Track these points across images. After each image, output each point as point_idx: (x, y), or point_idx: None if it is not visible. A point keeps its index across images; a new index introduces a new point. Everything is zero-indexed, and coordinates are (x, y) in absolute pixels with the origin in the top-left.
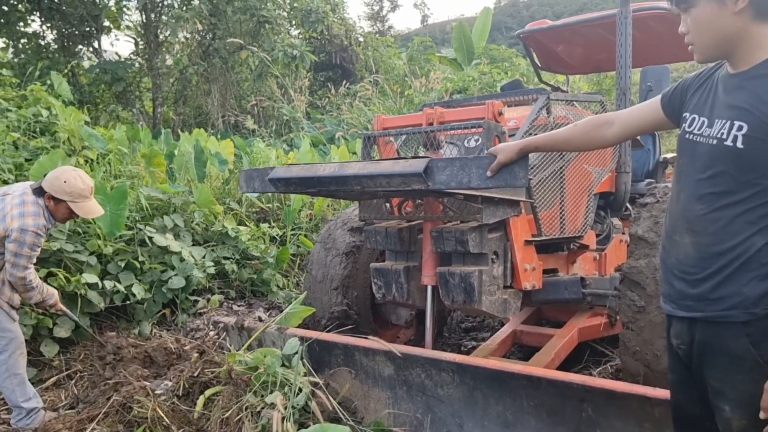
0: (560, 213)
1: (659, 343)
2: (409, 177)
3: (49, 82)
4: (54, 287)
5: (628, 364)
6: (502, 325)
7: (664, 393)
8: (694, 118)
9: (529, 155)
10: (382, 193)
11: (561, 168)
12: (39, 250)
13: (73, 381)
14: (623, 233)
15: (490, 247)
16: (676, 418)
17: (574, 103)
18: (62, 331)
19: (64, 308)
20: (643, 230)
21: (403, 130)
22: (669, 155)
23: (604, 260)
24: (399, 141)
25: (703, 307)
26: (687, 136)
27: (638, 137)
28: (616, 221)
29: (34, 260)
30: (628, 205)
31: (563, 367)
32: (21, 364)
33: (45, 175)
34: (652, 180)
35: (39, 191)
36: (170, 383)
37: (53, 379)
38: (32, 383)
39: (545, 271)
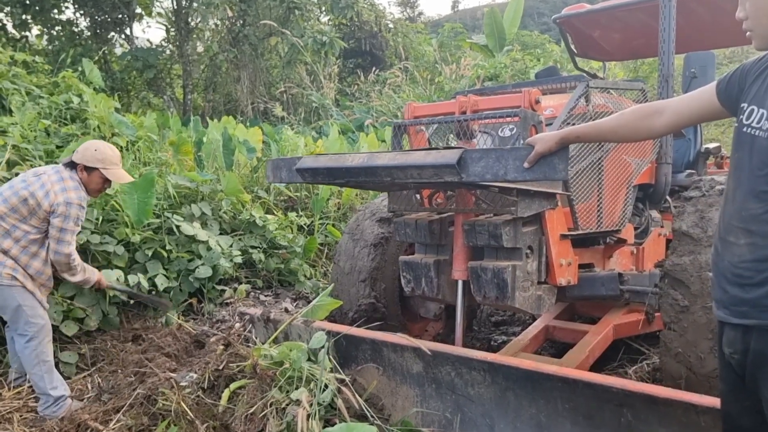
0: (598, 206)
1: (704, 344)
2: (442, 168)
3: (80, 69)
4: None
5: (669, 366)
6: (534, 319)
7: (711, 400)
8: (752, 110)
9: (569, 146)
10: (412, 185)
11: (599, 159)
12: (80, 225)
13: (98, 370)
14: (662, 226)
15: (525, 241)
16: (727, 430)
17: (614, 91)
18: (92, 322)
19: (111, 284)
20: (688, 225)
21: (435, 119)
22: (711, 145)
23: (642, 255)
24: (430, 130)
25: (758, 314)
26: (745, 129)
27: None
28: (654, 214)
29: (76, 236)
30: (667, 197)
31: (597, 364)
32: (49, 350)
33: (73, 152)
34: (693, 171)
35: (70, 165)
36: (195, 375)
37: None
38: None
39: (581, 266)
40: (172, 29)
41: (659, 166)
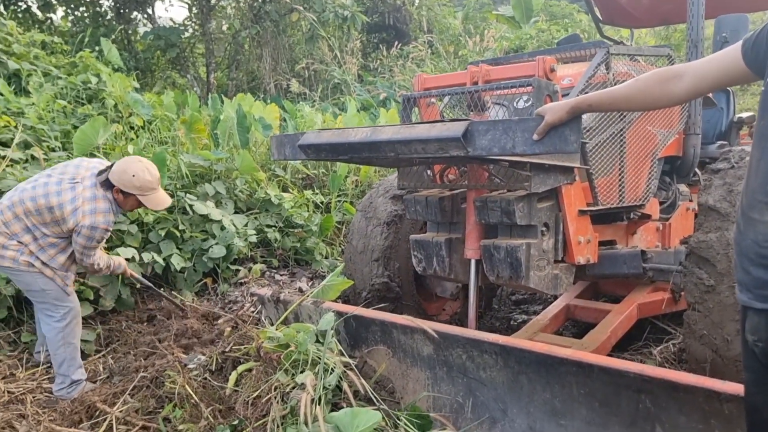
0: (619, 180)
1: (730, 326)
2: (447, 142)
3: (98, 48)
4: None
5: (693, 349)
6: (555, 298)
7: (735, 387)
8: None
9: (583, 116)
10: (418, 160)
11: (621, 130)
12: (107, 237)
13: (113, 351)
14: (690, 201)
15: (540, 218)
16: (752, 422)
17: (638, 58)
18: (106, 302)
19: (135, 274)
20: (715, 199)
21: (445, 91)
22: (745, 114)
23: (668, 231)
24: (443, 103)
25: None
26: None
27: (710, 94)
28: (682, 188)
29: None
30: (696, 170)
31: (621, 344)
32: (77, 333)
33: (111, 167)
34: (725, 142)
35: (106, 184)
36: (203, 357)
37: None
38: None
39: (602, 243)
40: (194, 7)
41: (687, 137)
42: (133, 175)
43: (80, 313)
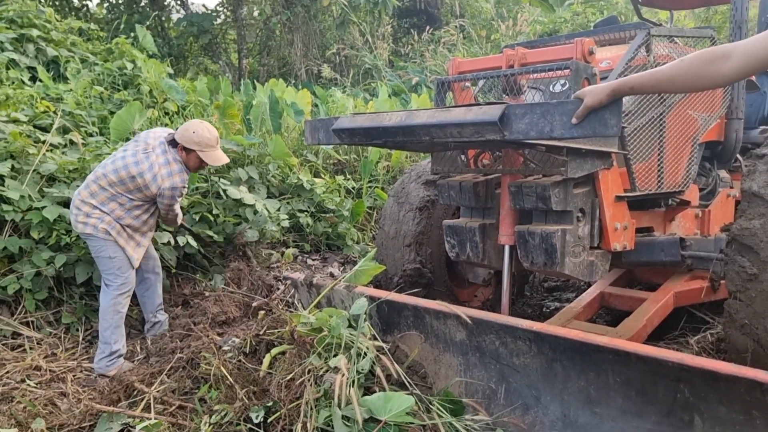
0: (658, 165)
1: None
2: (483, 126)
3: (133, 35)
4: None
5: (733, 339)
6: (589, 285)
7: None
8: None
9: (623, 99)
10: (453, 144)
11: (661, 114)
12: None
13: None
14: (731, 187)
15: (576, 203)
16: None
17: (679, 40)
18: None
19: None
20: (759, 186)
21: (481, 74)
22: None
23: (708, 218)
24: (477, 87)
25: None
26: None
27: (753, 77)
28: (723, 174)
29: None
30: (738, 156)
31: (657, 333)
32: (125, 304)
33: (177, 128)
34: None
35: (173, 143)
36: (238, 340)
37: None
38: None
39: (639, 230)
40: None
41: (729, 122)
42: (194, 132)
43: (133, 288)
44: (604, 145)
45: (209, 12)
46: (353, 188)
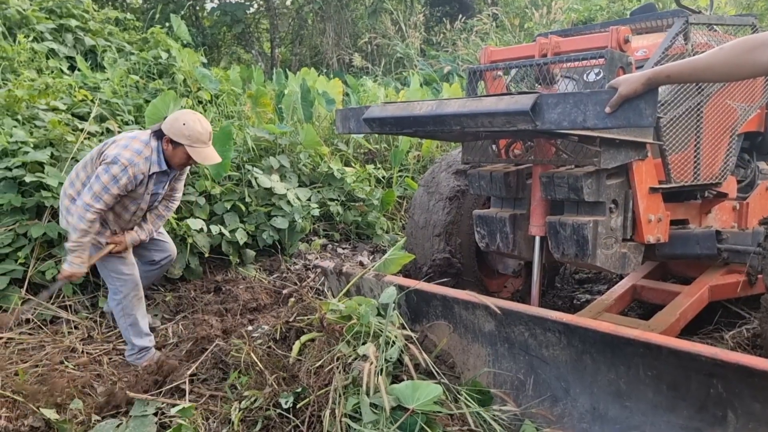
0: (695, 157)
1: None
2: (515, 115)
3: (168, 24)
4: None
5: None
6: (621, 278)
7: None
8: None
9: (659, 89)
10: (485, 134)
11: (698, 104)
12: (112, 195)
13: (182, 318)
14: None
15: (608, 194)
16: None
17: (719, 27)
18: (175, 270)
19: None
20: None
21: (513, 63)
22: None
23: (746, 211)
24: (509, 76)
25: None
26: None
27: None
28: (763, 165)
29: (102, 205)
30: None
31: (690, 328)
32: (135, 305)
33: (165, 118)
34: None
35: (158, 134)
36: (267, 327)
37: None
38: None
39: (673, 222)
40: None
41: None
42: (183, 124)
43: (140, 285)
44: (639, 136)
45: (242, 1)
46: (383, 177)
